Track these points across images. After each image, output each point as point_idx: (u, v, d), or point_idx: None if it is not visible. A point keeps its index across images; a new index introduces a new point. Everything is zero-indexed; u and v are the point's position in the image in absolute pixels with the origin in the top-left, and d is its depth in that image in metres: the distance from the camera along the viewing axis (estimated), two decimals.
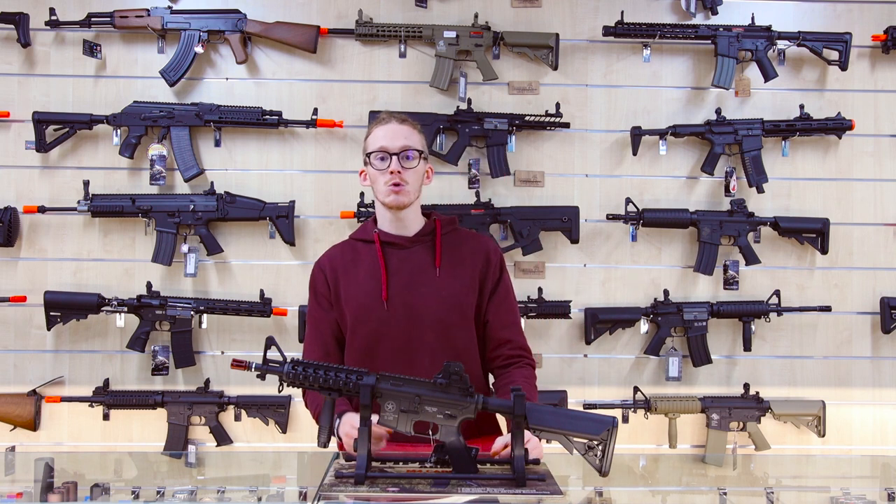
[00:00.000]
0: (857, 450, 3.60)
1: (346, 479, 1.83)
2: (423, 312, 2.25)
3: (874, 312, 3.61)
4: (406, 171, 2.25)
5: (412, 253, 2.31)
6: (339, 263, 2.34)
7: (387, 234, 2.32)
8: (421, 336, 2.25)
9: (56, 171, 3.50)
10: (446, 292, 2.27)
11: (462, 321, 2.29)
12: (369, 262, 2.31)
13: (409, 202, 2.28)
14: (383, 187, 2.26)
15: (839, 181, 3.63)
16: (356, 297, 2.29)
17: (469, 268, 2.31)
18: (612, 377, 3.58)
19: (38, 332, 3.46)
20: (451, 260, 2.31)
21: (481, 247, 2.36)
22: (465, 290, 2.29)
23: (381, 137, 2.27)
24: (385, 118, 2.31)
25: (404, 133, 2.27)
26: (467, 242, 2.36)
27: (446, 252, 2.32)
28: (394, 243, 2.31)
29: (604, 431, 1.82)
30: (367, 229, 2.36)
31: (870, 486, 2.59)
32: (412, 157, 2.26)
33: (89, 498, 2.05)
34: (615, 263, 3.59)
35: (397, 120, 2.30)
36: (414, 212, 2.33)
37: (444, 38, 3.49)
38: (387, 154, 2.25)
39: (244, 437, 3.51)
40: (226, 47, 3.53)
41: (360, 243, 2.36)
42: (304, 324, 3.38)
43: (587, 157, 3.60)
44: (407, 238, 2.32)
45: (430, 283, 2.28)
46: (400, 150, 2.25)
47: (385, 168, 2.25)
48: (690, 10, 3.57)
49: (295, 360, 1.88)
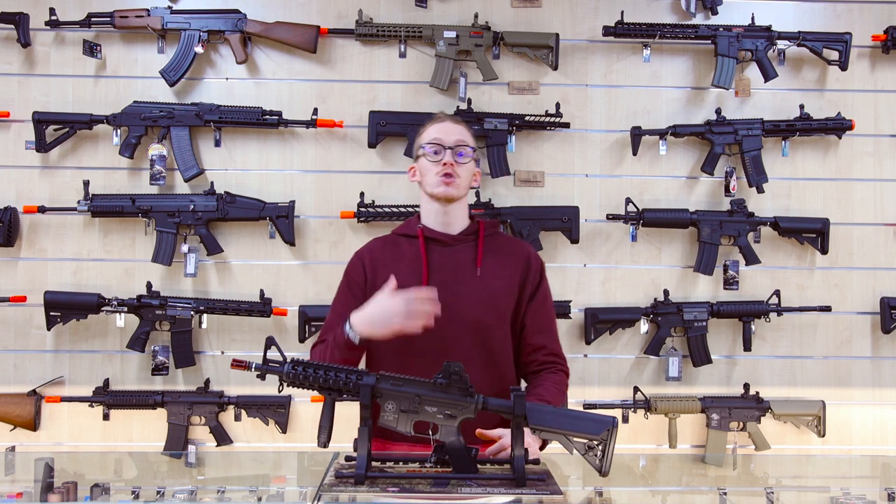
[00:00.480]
0: (857, 450, 3.60)
1: (346, 479, 1.83)
2: (461, 311, 2.24)
3: (874, 312, 3.61)
4: (458, 166, 2.27)
5: (455, 251, 2.31)
6: (380, 255, 2.34)
7: (431, 230, 2.33)
8: (457, 334, 2.24)
9: (56, 171, 3.50)
10: (485, 293, 2.27)
11: (498, 323, 2.28)
12: (411, 256, 2.31)
13: (459, 196, 2.30)
14: (434, 178, 2.28)
15: (839, 181, 3.63)
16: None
17: (509, 271, 2.32)
18: (612, 377, 3.58)
19: (38, 332, 3.46)
20: (492, 261, 2.31)
21: (522, 252, 2.37)
22: (503, 293, 2.29)
23: (436, 131, 2.31)
24: (441, 117, 2.36)
25: (459, 130, 2.31)
26: (509, 246, 2.37)
27: (488, 253, 2.32)
28: (437, 240, 2.32)
29: (604, 431, 1.82)
30: (412, 225, 2.37)
31: (870, 486, 2.59)
32: (465, 154, 2.28)
33: (89, 498, 2.05)
34: (615, 263, 3.59)
35: (452, 119, 2.34)
36: (461, 209, 2.34)
37: (444, 38, 3.49)
38: (441, 147, 2.27)
39: (244, 437, 3.51)
40: (226, 47, 3.53)
41: (402, 238, 2.36)
42: (304, 323, 3.42)
43: (587, 157, 3.60)
44: (451, 236, 2.32)
45: (469, 283, 2.28)
46: (454, 144, 2.28)
47: (438, 160, 2.27)
48: (690, 10, 3.57)
49: (295, 360, 1.88)
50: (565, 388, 2.32)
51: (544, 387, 2.25)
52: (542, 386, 2.26)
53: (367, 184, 3.52)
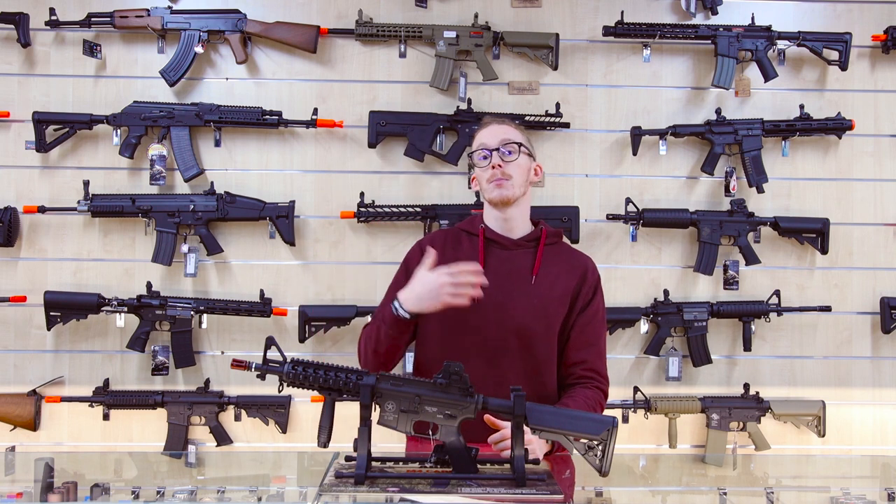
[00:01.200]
0: (857, 450, 3.59)
1: (346, 479, 1.83)
2: (511, 315, 2.24)
3: (874, 312, 3.61)
4: (507, 165, 2.26)
5: (513, 255, 2.31)
6: (440, 247, 2.32)
7: (492, 231, 2.32)
8: (504, 338, 2.24)
9: (56, 171, 3.50)
10: (538, 301, 2.26)
11: (546, 332, 2.27)
12: (470, 254, 2.30)
13: (514, 196, 2.28)
14: (488, 185, 2.28)
15: (839, 181, 3.63)
16: None
17: (564, 281, 2.30)
18: (612, 377, 3.49)
19: (38, 332, 3.46)
20: (549, 271, 2.30)
21: (581, 264, 2.35)
22: (555, 303, 2.28)
23: (482, 137, 2.31)
24: (487, 122, 2.34)
25: (503, 130, 2.30)
26: (568, 257, 2.36)
27: (546, 262, 2.31)
28: (497, 242, 2.31)
29: (604, 431, 1.82)
30: (475, 222, 2.36)
31: (870, 486, 2.59)
32: (512, 152, 2.27)
33: (89, 498, 2.05)
34: (615, 263, 3.59)
35: (497, 121, 2.33)
36: (521, 212, 2.34)
37: (444, 38, 3.49)
38: (487, 150, 2.27)
39: (244, 437, 3.51)
40: (226, 47, 3.53)
41: (464, 234, 2.36)
42: (304, 324, 3.42)
43: (587, 157, 3.60)
44: (511, 240, 2.32)
45: (523, 289, 2.27)
46: (499, 144, 2.27)
47: (487, 165, 2.27)
48: (690, 10, 3.57)
49: (295, 360, 1.88)
50: (598, 405, 2.27)
51: (574, 399, 2.22)
52: (572, 398, 2.23)
53: (367, 184, 3.52)
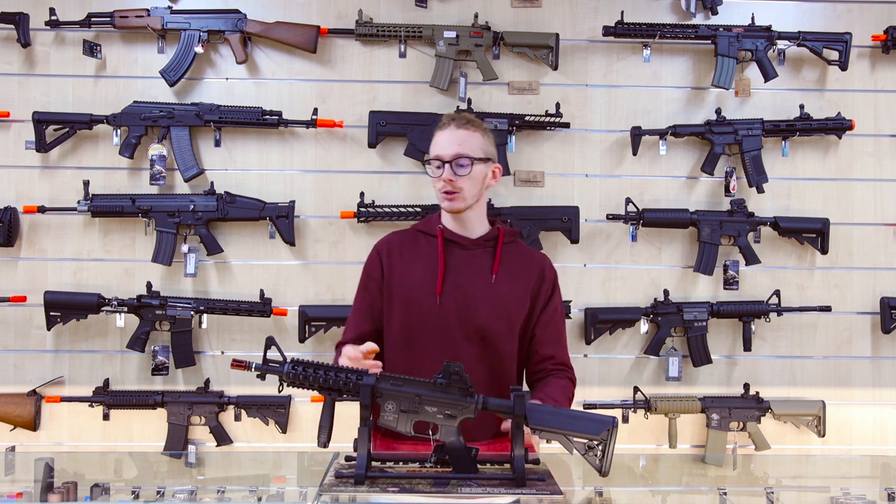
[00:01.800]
0: (857, 450, 3.60)
1: (346, 479, 1.83)
2: (472, 314, 2.26)
3: (874, 312, 3.60)
4: (459, 179, 2.25)
5: (473, 255, 2.32)
6: (397, 249, 2.34)
7: (450, 231, 2.33)
8: (466, 338, 2.25)
9: (56, 171, 3.50)
10: (497, 300, 2.28)
11: (508, 329, 2.29)
12: (428, 255, 2.31)
13: (465, 207, 2.29)
14: (439, 193, 2.29)
15: (839, 181, 3.63)
16: (409, 287, 2.29)
17: (523, 280, 2.32)
18: (612, 377, 3.58)
19: (38, 332, 3.46)
20: (507, 269, 2.32)
21: (538, 262, 2.37)
22: (515, 301, 2.30)
23: (437, 145, 2.28)
24: (446, 122, 2.30)
25: (459, 139, 2.26)
26: (525, 256, 2.38)
27: (505, 261, 2.32)
28: (456, 242, 2.32)
29: (604, 431, 1.82)
30: (432, 223, 2.36)
31: (870, 486, 2.59)
32: (465, 166, 2.25)
33: (89, 498, 2.05)
34: (615, 263, 3.59)
35: (457, 124, 2.28)
36: (476, 215, 2.34)
37: (444, 38, 3.48)
38: (441, 162, 2.26)
39: (244, 437, 3.51)
40: (226, 47, 3.53)
41: (421, 235, 2.36)
42: (304, 324, 3.42)
43: (587, 157, 3.60)
44: (469, 239, 2.33)
45: (484, 288, 2.28)
46: (452, 157, 2.25)
47: (438, 176, 2.26)
48: (690, 10, 3.57)
49: (295, 360, 1.88)
50: (571, 393, 2.33)
51: (551, 387, 2.26)
52: (548, 386, 2.27)
53: (367, 184, 3.51)
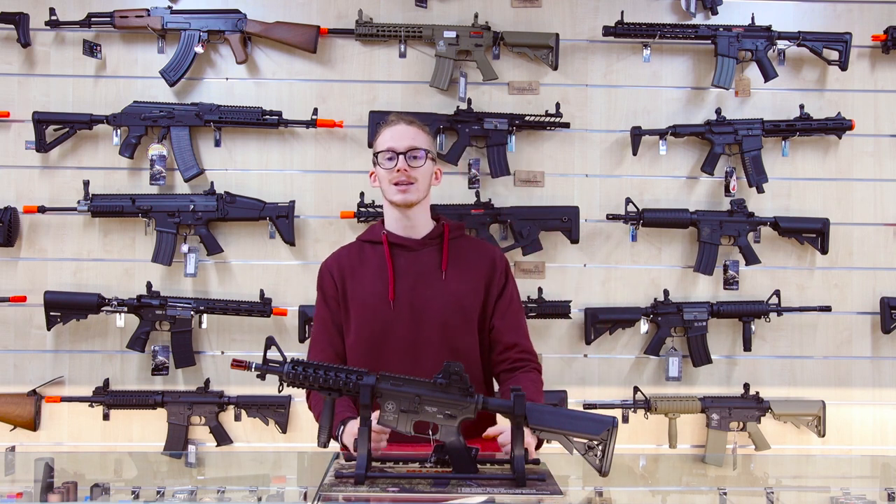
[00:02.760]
0: (857, 450, 3.59)
1: (346, 479, 1.83)
2: (427, 313, 2.28)
3: (874, 312, 3.60)
4: (413, 170, 2.29)
5: (419, 255, 2.34)
6: (346, 264, 2.38)
7: (395, 235, 2.35)
8: (426, 337, 2.28)
9: (56, 171, 3.50)
10: (451, 295, 2.30)
11: (465, 324, 2.32)
12: (376, 262, 2.34)
13: (417, 200, 2.32)
14: (390, 186, 2.30)
15: (839, 181, 3.63)
16: (363, 297, 2.32)
17: (474, 272, 2.34)
18: (612, 377, 3.57)
19: (38, 332, 3.46)
20: (457, 264, 2.34)
21: (487, 253, 2.40)
22: (469, 294, 2.32)
23: (389, 138, 2.31)
24: (394, 120, 2.35)
25: (411, 134, 2.31)
26: (474, 248, 2.40)
27: (453, 256, 2.35)
28: (401, 245, 2.34)
29: (604, 431, 1.82)
30: (375, 231, 2.39)
31: (870, 486, 2.59)
32: (419, 157, 2.30)
33: (89, 498, 2.05)
34: (615, 263, 3.59)
35: (405, 121, 2.34)
36: (422, 212, 2.36)
37: (444, 38, 3.48)
38: (394, 154, 2.28)
39: (244, 437, 3.51)
40: (226, 47, 3.53)
41: (367, 244, 2.39)
42: (304, 324, 3.42)
43: (587, 157, 3.60)
44: (415, 240, 2.35)
45: (435, 285, 2.31)
46: (406, 149, 2.29)
47: (392, 167, 2.29)
48: (690, 10, 3.57)
49: (295, 360, 1.88)
50: (541, 384, 2.35)
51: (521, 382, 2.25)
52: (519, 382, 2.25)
53: (367, 184, 3.47)
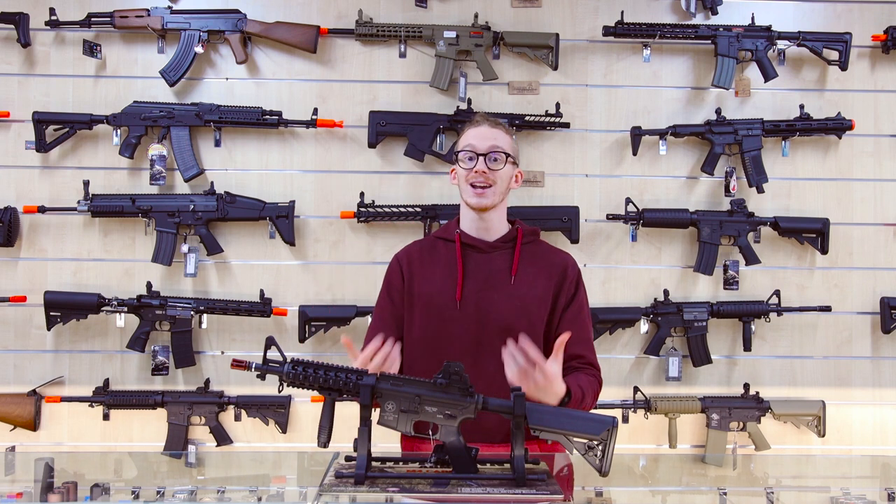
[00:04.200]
0: (857, 450, 3.60)
1: (346, 479, 1.83)
2: (492, 317, 2.25)
3: (874, 312, 3.61)
4: (492, 173, 2.26)
5: (491, 258, 2.31)
6: (417, 258, 2.35)
7: (468, 235, 2.33)
8: (489, 340, 2.24)
9: (56, 171, 3.50)
10: (519, 300, 2.27)
11: (530, 330, 2.24)
12: (447, 260, 2.32)
13: (493, 204, 2.29)
14: (467, 187, 2.28)
15: (839, 181, 3.63)
16: (430, 294, 2.29)
17: (544, 279, 2.31)
18: (612, 377, 3.57)
19: (38, 332, 3.46)
20: (527, 269, 2.31)
21: (560, 261, 2.36)
22: (537, 301, 2.29)
23: (472, 137, 2.29)
24: (479, 120, 2.33)
25: (494, 135, 2.29)
26: (547, 255, 2.37)
27: (524, 261, 2.32)
28: (474, 246, 2.32)
29: (604, 431, 1.82)
30: (450, 228, 2.37)
31: (870, 486, 2.59)
32: (499, 160, 2.27)
33: (89, 498, 2.05)
34: (615, 263, 3.59)
35: (490, 123, 2.31)
36: (498, 215, 2.34)
37: (444, 38, 3.49)
38: (474, 154, 2.27)
39: (244, 437, 3.51)
40: (226, 47, 3.53)
41: (440, 241, 2.37)
42: (304, 323, 3.42)
43: (587, 157, 3.60)
44: (487, 242, 2.32)
45: (503, 290, 2.28)
46: (488, 150, 2.26)
47: (471, 167, 2.27)
48: (690, 10, 3.57)
49: (295, 360, 1.88)
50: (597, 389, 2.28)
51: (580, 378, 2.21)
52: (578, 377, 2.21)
53: (367, 184, 3.52)
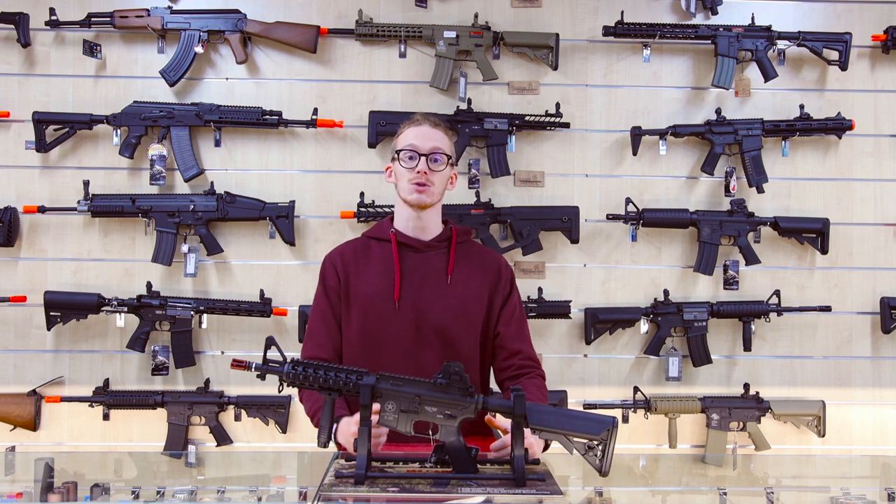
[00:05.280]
0: (857, 450, 3.60)
1: (346, 479, 1.83)
2: (430, 317, 2.28)
3: (874, 312, 3.60)
4: (432, 173, 2.28)
5: (427, 257, 2.33)
6: (351, 259, 2.36)
7: (403, 234, 2.34)
8: (426, 340, 2.27)
9: (56, 171, 3.50)
10: (455, 300, 2.30)
11: (467, 330, 2.31)
12: (382, 260, 2.33)
13: (432, 203, 2.31)
14: (407, 185, 2.29)
15: (839, 181, 3.63)
16: (366, 294, 2.30)
17: (479, 280, 2.34)
18: (612, 377, 3.57)
19: (38, 332, 3.46)
20: (463, 269, 2.34)
21: (493, 261, 2.40)
22: (473, 301, 2.32)
23: (413, 136, 2.30)
24: (419, 120, 2.34)
25: (436, 136, 2.31)
26: (480, 255, 2.40)
27: (459, 261, 2.34)
28: (409, 245, 2.33)
29: (604, 431, 1.82)
30: (384, 228, 2.38)
31: (870, 486, 2.59)
32: (440, 160, 2.29)
33: (89, 498, 2.05)
34: (615, 263, 3.59)
35: (430, 123, 2.33)
36: (434, 215, 2.36)
37: (444, 38, 3.48)
38: (416, 153, 2.28)
39: (244, 437, 3.51)
40: (226, 47, 3.53)
41: (374, 241, 2.38)
42: (304, 324, 3.41)
43: (587, 157, 3.60)
44: (423, 242, 2.34)
45: (440, 290, 2.30)
46: (430, 151, 2.28)
47: (412, 167, 2.28)
48: (690, 10, 3.57)
49: (295, 360, 1.88)
50: (545, 390, 2.36)
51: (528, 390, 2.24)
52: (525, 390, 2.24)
53: (367, 184, 3.51)
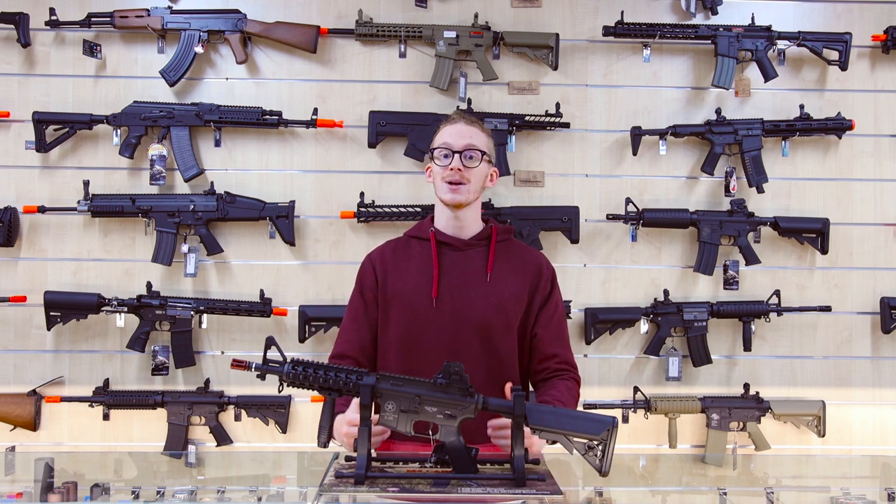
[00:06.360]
0: (857, 450, 3.60)
1: (346, 479, 1.83)
2: (469, 315, 2.25)
3: (874, 312, 3.61)
4: (467, 171, 2.26)
5: (466, 256, 2.31)
6: (391, 258, 2.34)
7: (443, 233, 2.32)
8: (465, 338, 2.24)
9: (56, 171, 3.50)
10: (495, 298, 2.27)
11: (506, 329, 2.27)
12: (422, 259, 2.30)
13: (467, 202, 2.28)
14: (442, 184, 2.27)
15: (839, 181, 3.63)
16: (405, 293, 2.28)
17: (519, 278, 2.31)
18: (612, 377, 3.57)
19: (38, 332, 3.46)
20: (503, 268, 2.31)
21: (534, 260, 2.36)
22: (512, 300, 2.28)
23: (447, 134, 2.29)
24: (455, 118, 2.32)
25: (470, 133, 2.28)
26: (520, 254, 2.36)
27: (499, 259, 2.31)
28: (448, 244, 2.31)
29: (604, 431, 1.82)
30: (424, 227, 2.36)
31: (870, 486, 2.59)
32: (474, 157, 2.26)
33: (89, 498, 2.05)
34: (615, 263, 3.59)
35: (465, 121, 2.31)
36: (472, 213, 2.33)
37: (444, 38, 3.49)
38: (450, 151, 2.26)
39: (244, 437, 3.51)
40: (226, 47, 3.53)
41: (414, 240, 2.36)
42: (304, 324, 3.42)
43: (587, 157, 3.60)
44: (462, 240, 2.32)
45: (479, 288, 2.27)
46: (463, 148, 2.26)
47: (446, 165, 2.26)
48: (690, 10, 3.57)
49: (295, 360, 1.88)
50: (576, 394, 2.31)
51: (557, 389, 2.25)
52: (554, 388, 2.26)
53: (367, 184, 3.52)
